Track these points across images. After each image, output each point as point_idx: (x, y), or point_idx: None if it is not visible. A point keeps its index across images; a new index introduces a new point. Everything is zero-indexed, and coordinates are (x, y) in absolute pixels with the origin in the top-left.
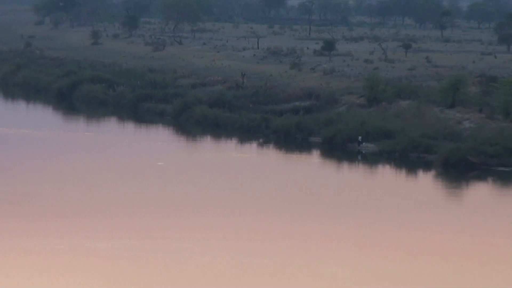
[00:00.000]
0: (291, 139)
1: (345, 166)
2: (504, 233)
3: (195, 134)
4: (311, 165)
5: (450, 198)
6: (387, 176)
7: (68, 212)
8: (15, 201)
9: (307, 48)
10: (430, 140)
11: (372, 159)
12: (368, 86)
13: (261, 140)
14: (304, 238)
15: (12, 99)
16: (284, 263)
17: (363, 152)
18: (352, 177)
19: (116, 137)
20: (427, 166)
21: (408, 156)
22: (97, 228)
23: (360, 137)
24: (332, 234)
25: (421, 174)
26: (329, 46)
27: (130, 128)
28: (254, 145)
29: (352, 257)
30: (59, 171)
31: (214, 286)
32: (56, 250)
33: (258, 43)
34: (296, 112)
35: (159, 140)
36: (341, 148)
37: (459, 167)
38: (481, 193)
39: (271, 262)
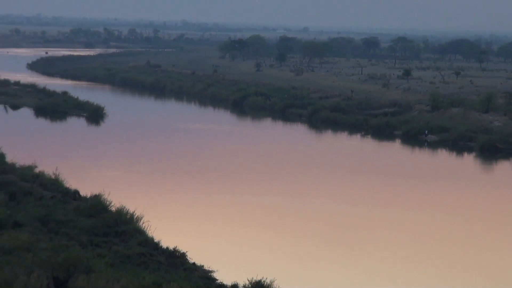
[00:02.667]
0: (382, 133)
1: (416, 150)
2: None
3: (322, 129)
4: (395, 148)
5: (485, 169)
6: (444, 156)
7: (238, 178)
8: (216, 173)
9: (393, 74)
10: (472, 133)
11: (434, 146)
12: (431, 98)
13: (363, 133)
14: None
15: (204, 106)
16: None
17: (428, 141)
18: (422, 157)
19: (272, 131)
20: (470, 150)
21: (458, 144)
22: (257, 189)
23: (426, 131)
24: (416, 189)
25: (466, 155)
26: (407, 73)
27: (280, 125)
28: (358, 136)
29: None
30: (234, 151)
31: (334, 226)
32: (229, 202)
33: (361, 70)
34: (385, 115)
35: (299, 133)
36: (414, 138)
37: (491, 151)
38: (505, 167)
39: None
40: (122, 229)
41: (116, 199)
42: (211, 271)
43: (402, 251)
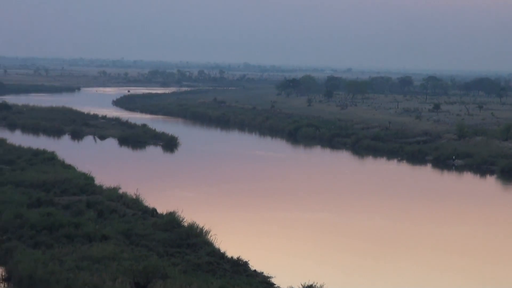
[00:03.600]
0: (416, 158)
1: (445, 173)
2: None
3: (363, 155)
4: (427, 171)
5: (505, 189)
6: (469, 178)
7: (292, 197)
8: (273, 192)
9: (425, 108)
10: (493, 158)
11: (460, 169)
12: (458, 128)
13: (399, 158)
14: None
15: (263, 136)
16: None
17: (455, 165)
18: (450, 179)
19: (321, 157)
20: (491, 173)
21: (481, 167)
22: (308, 206)
23: (453, 157)
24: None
25: (488, 177)
26: (436, 107)
27: (328, 152)
28: (395, 161)
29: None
30: (289, 174)
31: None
32: (285, 218)
33: (397, 105)
34: (418, 143)
35: (344, 158)
36: (443, 162)
37: (510, 173)
38: None
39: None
40: (193, 241)
41: (188, 216)
42: (269, 277)
43: (438, 261)
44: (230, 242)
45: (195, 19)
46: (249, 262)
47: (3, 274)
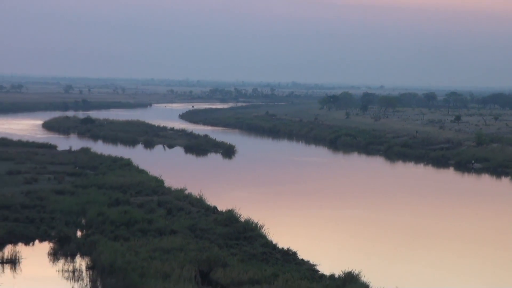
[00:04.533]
0: (439, 162)
1: (465, 175)
2: None
3: (394, 160)
4: (449, 174)
5: None
6: (487, 179)
7: (333, 196)
8: (317, 192)
9: (447, 119)
10: (508, 162)
11: (479, 172)
12: (476, 137)
13: (425, 163)
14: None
15: (308, 144)
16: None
17: (474, 168)
18: (470, 180)
19: (357, 161)
20: (506, 174)
21: (497, 170)
22: (347, 204)
23: (473, 161)
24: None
25: (503, 178)
26: (457, 118)
27: (363, 157)
28: (421, 165)
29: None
30: (331, 176)
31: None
32: (328, 214)
33: (423, 117)
34: (442, 149)
35: (378, 163)
36: (463, 166)
37: None
38: None
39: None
40: (249, 234)
41: (244, 213)
42: (315, 265)
43: (463, 250)
44: (281, 235)
45: (250, 45)
46: (297, 252)
47: (89, 263)
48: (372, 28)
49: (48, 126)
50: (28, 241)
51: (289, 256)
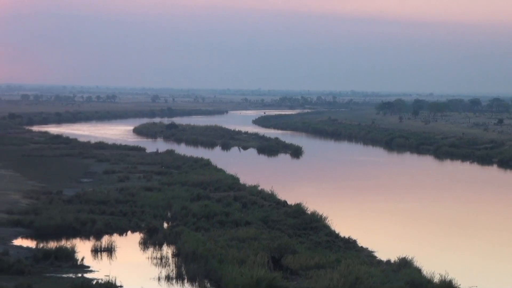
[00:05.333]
0: (484, 160)
1: (508, 171)
2: None
3: (443, 159)
4: (493, 170)
5: None
6: None
7: (390, 191)
8: (374, 187)
9: (491, 122)
10: None
11: None
12: None
13: (471, 161)
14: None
15: (366, 145)
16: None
17: None
18: None
19: (410, 160)
20: None
21: None
22: (401, 198)
23: None
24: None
25: None
26: (500, 121)
27: (415, 156)
28: (468, 163)
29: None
30: (387, 173)
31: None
32: (384, 207)
33: (469, 120)
34: (486, 149)
35: (428, 161)
36: (506, 163)
37: None
38: None
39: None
40: (315, 225)
41: (311, 206)
42: (373, 252)
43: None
44: (343, 225)
45: (314, 58)
46: (357, 240)
47: (174, 251)
48: (423, 42)
49: (137, 131)
50: (121, 232)
51: (349, 244)
